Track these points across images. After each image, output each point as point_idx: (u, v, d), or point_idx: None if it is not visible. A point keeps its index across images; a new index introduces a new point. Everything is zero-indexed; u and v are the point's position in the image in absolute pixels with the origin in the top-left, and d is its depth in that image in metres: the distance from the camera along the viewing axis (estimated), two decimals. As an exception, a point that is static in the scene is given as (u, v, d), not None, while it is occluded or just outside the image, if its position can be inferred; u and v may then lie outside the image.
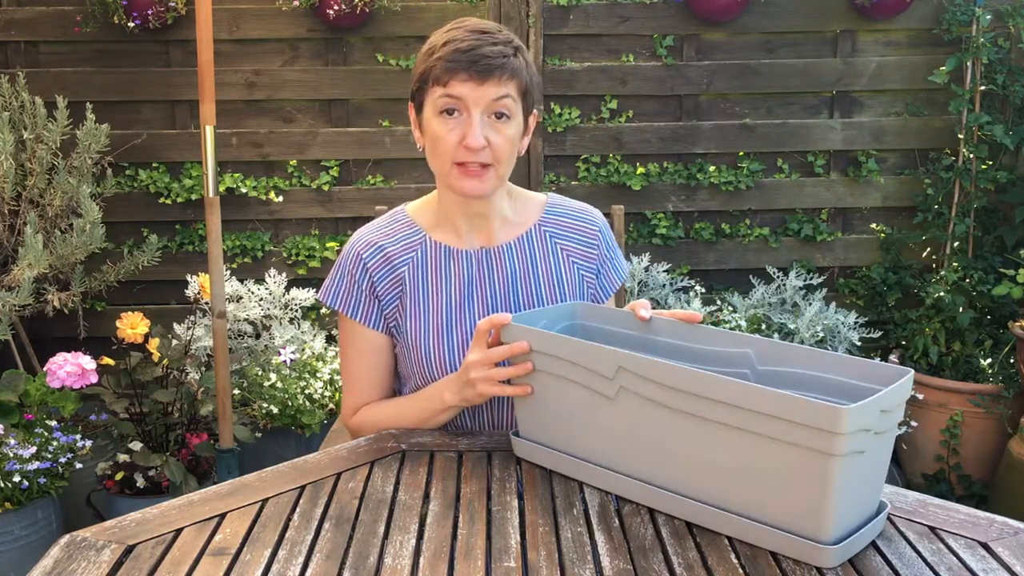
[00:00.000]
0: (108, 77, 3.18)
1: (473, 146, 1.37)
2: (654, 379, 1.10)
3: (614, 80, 3.24)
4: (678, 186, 3.30)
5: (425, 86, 1.41)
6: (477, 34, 1.38)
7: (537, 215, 1.56)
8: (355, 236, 1.53)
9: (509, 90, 1.38)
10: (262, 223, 3.29)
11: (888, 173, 3.33)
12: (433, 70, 1.38)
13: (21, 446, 2.33)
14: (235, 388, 2.82)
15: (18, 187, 2.77)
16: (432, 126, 1.41)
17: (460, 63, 1.35)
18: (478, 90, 1.36)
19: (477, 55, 1.35)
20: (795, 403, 0.98)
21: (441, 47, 1.38)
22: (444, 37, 1.40)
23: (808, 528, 1.01)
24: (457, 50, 1.36)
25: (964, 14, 3.12)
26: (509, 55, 1.38)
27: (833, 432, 0.95)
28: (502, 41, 1.39)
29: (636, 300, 1.36)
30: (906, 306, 3.22)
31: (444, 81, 1.37)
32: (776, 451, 1.01)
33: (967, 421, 2.90)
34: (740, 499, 1.06)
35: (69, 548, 1.04)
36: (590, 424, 1.20)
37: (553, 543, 1.06)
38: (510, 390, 1.30)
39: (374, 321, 1.49)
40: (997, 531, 1.09)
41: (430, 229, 1.52)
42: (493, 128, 1.39)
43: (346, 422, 1.55)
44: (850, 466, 0.98)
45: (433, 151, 1.43)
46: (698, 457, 1.08)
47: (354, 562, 1.02)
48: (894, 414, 1.03)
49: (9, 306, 2.51)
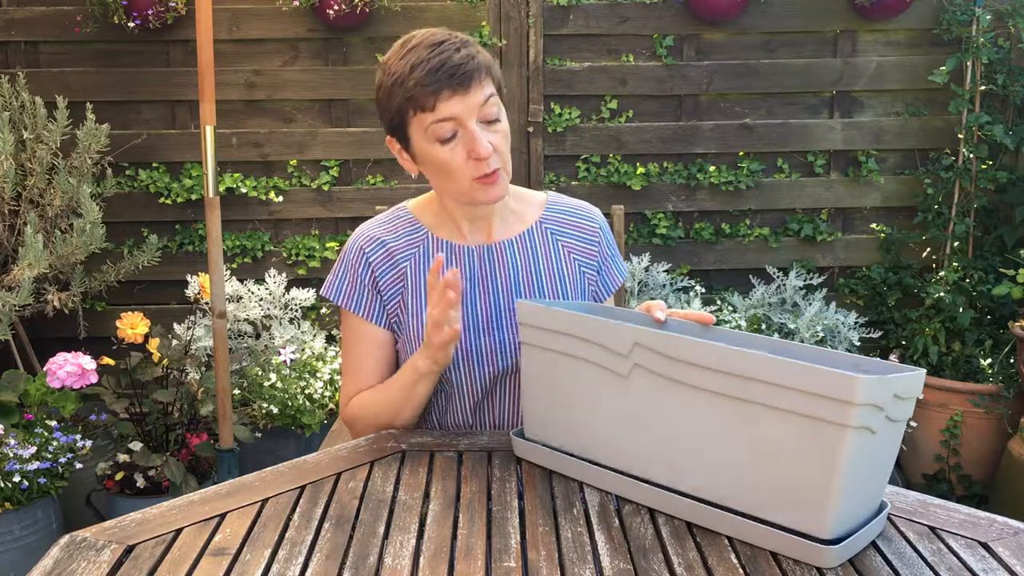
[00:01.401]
0: (108, 77, 3.18)
1: (484, 155, 1.36)
2: (670, 354, 1.10)
3: (614, 80, 3.24)
4: (678, 186, 3.30)
5: (406, 117, 1.38)
6: (437, 48, 1.34)
7: (538, 212, 1.56)
8: (357, 231, 1.53)
9: (491, 89, 1.38)
10: (262, 223, 3.29)
11: (888, 173, 3.33)
12: (414, 99, 1.34)
13: (21, 446, 2.33)
14: (235, 388, 2.82)
15: (18, 187, 2.77)
16: (435, 154, 1.38)
17: (439, 82, 1.33)
18: (466, 101, 1.34)
19: (452, 67, 1.33)
20: (811, 372, 0.98)
21: (410, 73, 1.34)
22: (405, 64, 1.35)
23: (812, 509, 1.01)
24: (430, 70, 1.33)
25: (964, 14, 3.12)
26: (474, 55, 1.36)
27: (847, 402, 0.96)
28: (461, 44, 1.36)
29: (652, 301, 1.36)
30: (906, 306, 3.22)
31: (431, 105, 1.34)
32: (789, 424, 1.01)
33: (967, 421, 2.90)
34: (748, 478, 1.06)
35: (69, 548, 1.04)
36: (600, 405, 1.20)
37: (553, 543, 1.06)
38: (447, 334, 1.31)
39: (376, 316, 1.50)
40: (997, 531, 1.09)
41: (432, 226, 1.52)
42: (490, 132, 1.38)
43: (342, 412, 1.56)
44: (859, 444, 0.98)
45: (443, 176, 1.41)
46: (708, 434, 1.09)
47: (354, 562, 1.02)
48: (905, 405, 1.04)
49: (9, 306, 2.51)
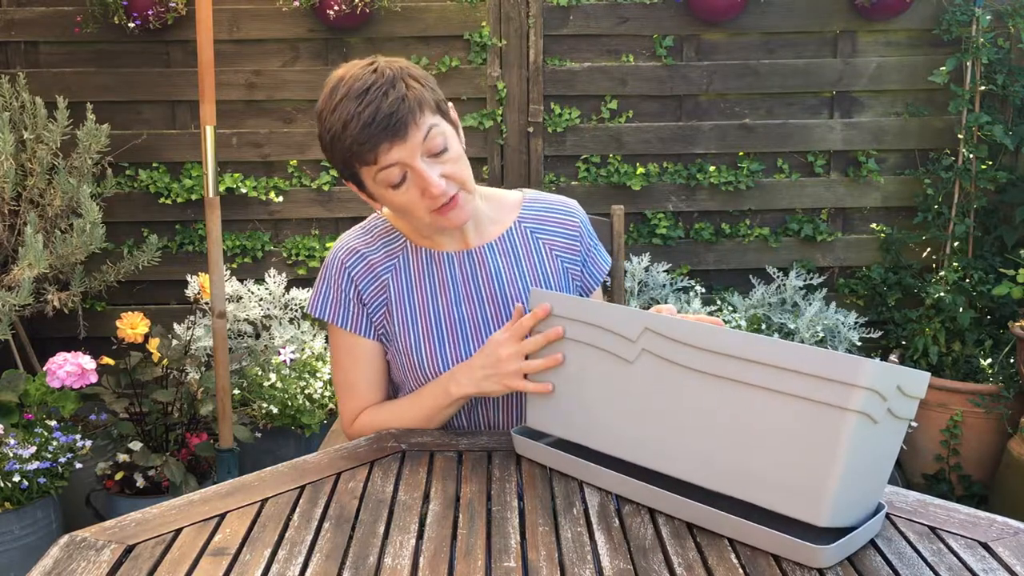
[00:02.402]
0: (108, 77, 3.18)
1: (435, 194, 1.33)
2: (679, 338, 1.11)
3: (614, 80, 3.24)
4: (678, 186, 3.30)
5: (353, 169, 1.35)
6: (363, 96, 1.29)
7: (515, 213, 1.55)
8: (336, 245, 1.51)
9: (431, 121, 1.33)
10: (262, 223, 3.29)
11: (888, 173, 3.33)
12: (354, 156, 1.32)
13: (21, 446, 2.33)
14: (235, 388, 2.82)
15: (18, 187, 2.77)
16: (389, 198, 1.37)
17: (375, 136, 1.29)
18: (405, 146, 1.30)
19: (383, 119, 1.28)
20: (816, 355, 1.00)
21: (342, 131, 1.30)
22: (338, 118, 1.31)
23: (810, 495, 1.01)
24: (363, 125, 1.29)
25: (964, 14, 3.12)
26: (403, 95, 1.30)
27: (851, 384, 0.97)
28: (387, 85, 1.30)
29: (662, 305, 1.36)
30: (906, 306, 3.22)
31: (372, 159, 1.31)
32: (793, 408, 1.02)
33: (967, 421, 2.90)
34: (750, 463, 1.07)
35: (69, 548, 1.04)
36: (604, 391, 1.21)
37: (553, 543, 1.06)
38: (531, 387, 1.30)
39: (364, 328, 1.48)
40: (997, 531, 1.09)
41: (409, 234, 1.50)
42: (440, 163, 1.35)
43: (347, 430, 1.53)
44: (861, 430, 0.99)
45: (407, 215, 1.40)
46: (711, 420, 1.09)
47: (354, 562, 1.02)
48: (908, 403, 1.04)
49: (9, 306, 2.51)
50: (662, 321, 1.14)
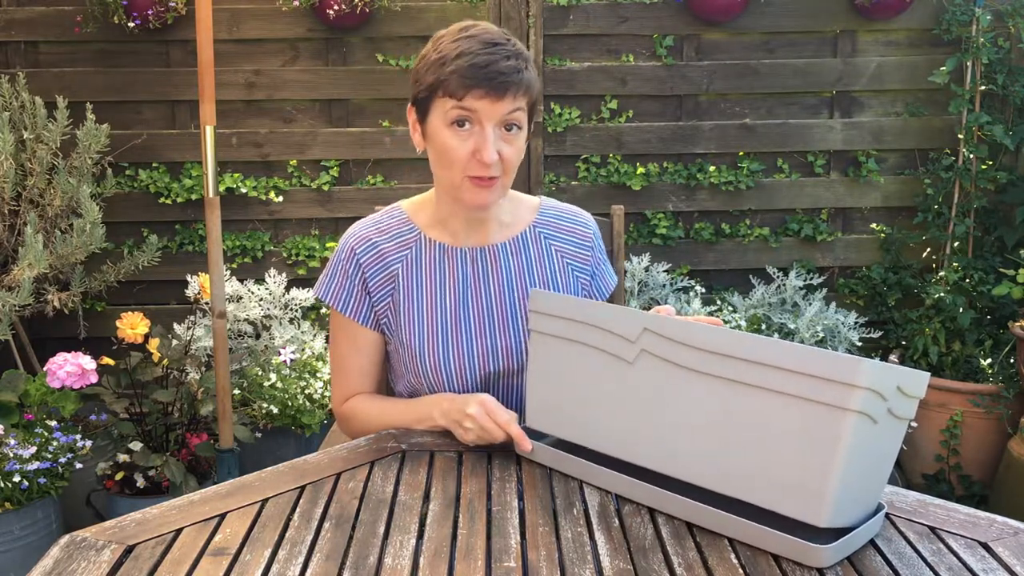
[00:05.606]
0: (108, 77, 3.18)
1: (487, 161, 1.36)
2: (678, 339, 1.12)
3: (614, 80, 3.24)
4: (678, 186, 3.30)
5: (433, 95, 1.38)
6: (490, 47, 1.35)
7: (531, 217, 1.56)
8: (349, 231, 1.53)
9: (521, 104, 1.37)
10: (262, 223, 3.29)
11: (888, 173, 3.33)
12: (447, 83, 1.34)
13: (21, 446, 2.33)
14: (235, 388, 2.82)
15: (18, 187, 2.77)
16: (442, 137, 1.38)
17: (477, 79, 1.33)
18: (493, 106, 1.34)
19: (494, 71, 1.33)
20: (816, 355, 1.00)
21: (454, 59, 1.34)
22: (456, 47, 1.35)
23: (810, 495, 1.01)
24: (474, 65, 1.33)
25: (964, 14, 3.12)
26: (522, 69, 1.36)
27: (850, 384, 0.97)
28: (514, 54, 1.36)
29: (661, 305, 1.37)
30: (906, 306, 3.22)
31: (459, 96, 1.34)
32: (793, 408, 1.02)
33: (967, 421, 2.90)
34: (749, 464, 1.07)
35: (69, 548, 1.04)
36: (603, 391, 1.21)
37: (553, 543, 1.06)
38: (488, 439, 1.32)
39: (364, 317, 1.50)
40: (997, 531, 1.09)
41: (426, 227, 1.51)
42: (504, 140, 1.38)
43: (336, 408, 1.56)
44: (860, 430, 0.99)
45: (442, 162, 1.41)
46: (712, 420, 1.09)
47: (354, 562, 1.02)
48: (908, 402, 1.04)
49: (9, 306, 2.51)
50: (662, 321, 1.14)
